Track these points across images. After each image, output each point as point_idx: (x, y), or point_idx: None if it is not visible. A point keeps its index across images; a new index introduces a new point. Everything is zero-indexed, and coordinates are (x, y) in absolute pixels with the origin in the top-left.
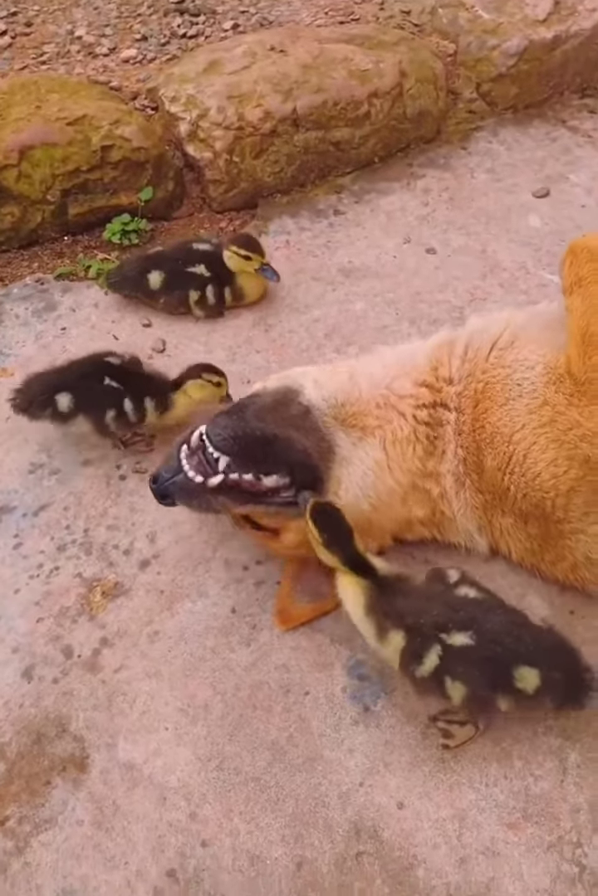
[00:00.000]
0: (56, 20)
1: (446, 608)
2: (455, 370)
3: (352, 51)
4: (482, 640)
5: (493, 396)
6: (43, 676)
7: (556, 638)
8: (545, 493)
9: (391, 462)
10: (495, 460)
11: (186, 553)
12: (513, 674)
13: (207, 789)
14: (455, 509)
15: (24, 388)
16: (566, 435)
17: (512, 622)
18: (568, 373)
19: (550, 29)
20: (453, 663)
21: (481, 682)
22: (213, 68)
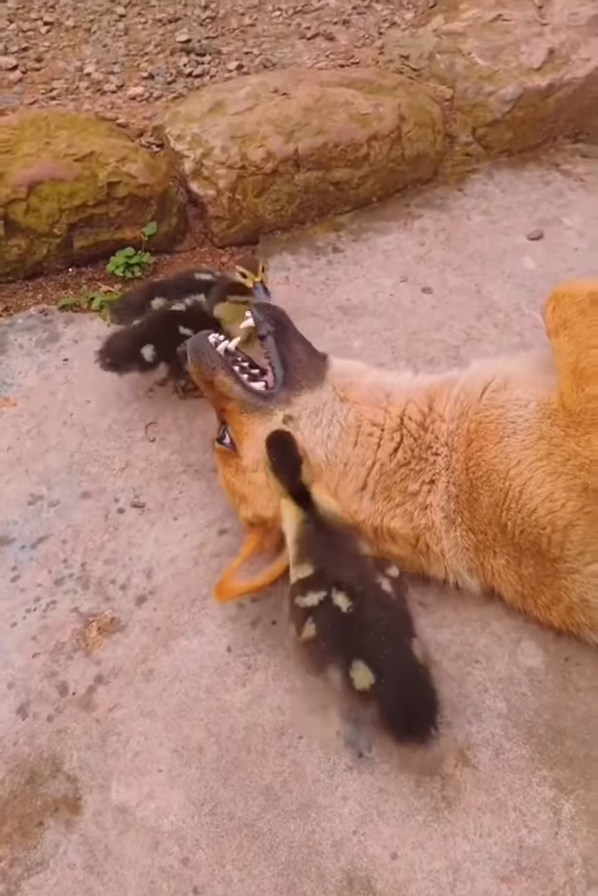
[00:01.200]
0: (66, 56)
1: (352, 574)
2: (448, 410)
3: (352, 94)
4: (353, 619)
5: (487, 435)
6: (38, 714)
7: (416, 674)
8: (541, 528)
9: (361, 437)
10: (491, 497)
11: (183, 589)
12: (352, 663)
13: (200, 834)
14: (445, 547)
15: (107, 347)
16: (564, 466)
17: (389, 630)
18: (562, 406)
19: (544, 77)
20: (323, 614)
21: (327, 645)
22: (217, 109)
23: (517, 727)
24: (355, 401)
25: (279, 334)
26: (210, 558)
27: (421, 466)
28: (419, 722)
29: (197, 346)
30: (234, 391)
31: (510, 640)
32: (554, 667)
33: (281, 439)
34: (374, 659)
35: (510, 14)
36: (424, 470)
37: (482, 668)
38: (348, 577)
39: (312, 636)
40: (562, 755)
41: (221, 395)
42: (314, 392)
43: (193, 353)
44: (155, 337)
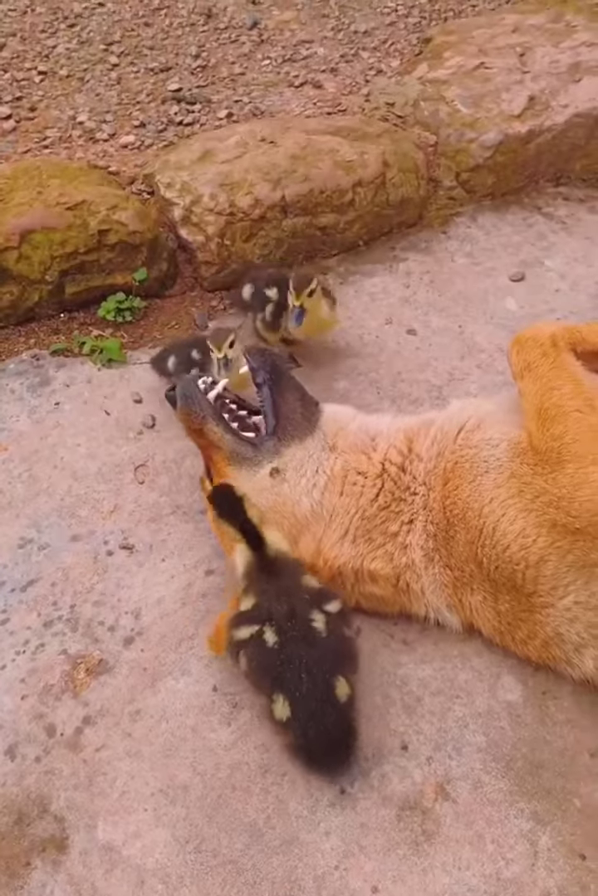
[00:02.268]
0: (59, 105)
1: (286, 610)
2: (425, 450)
3: (338, 142)
4: (278, 653)
5: (462, 474)
6: (26, 755)
7: (330, 715)
8: (515, 564)
9: (347, 486)
10: (467, 534)
11: (170, 629)
12: (273, 695)
13: (185, 872)
14: (425, 585)
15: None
16: (534, 503)
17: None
18: (530, 446)
19: (524, 123)
20: (253, 646)
21: (256, 676)
22: (207, 157)
23: (496, 761)
24: (342, 449)
25: (274, 383)
26: (197, 599)
27: (401, 507)
28: (328, 757)
29: (186, 392)
30: (224, 441)
31: (490, 675)
32: (532, 701)
33: (220, 491)
34: (291, 694)
35: (492, 62)
36: (403, 511)
37: (463, 703)
38: (280, 612)
39: (245, 669)
40: (539, 788)
41: (211, 444)
42: (304, 442)
43: (183, 400)
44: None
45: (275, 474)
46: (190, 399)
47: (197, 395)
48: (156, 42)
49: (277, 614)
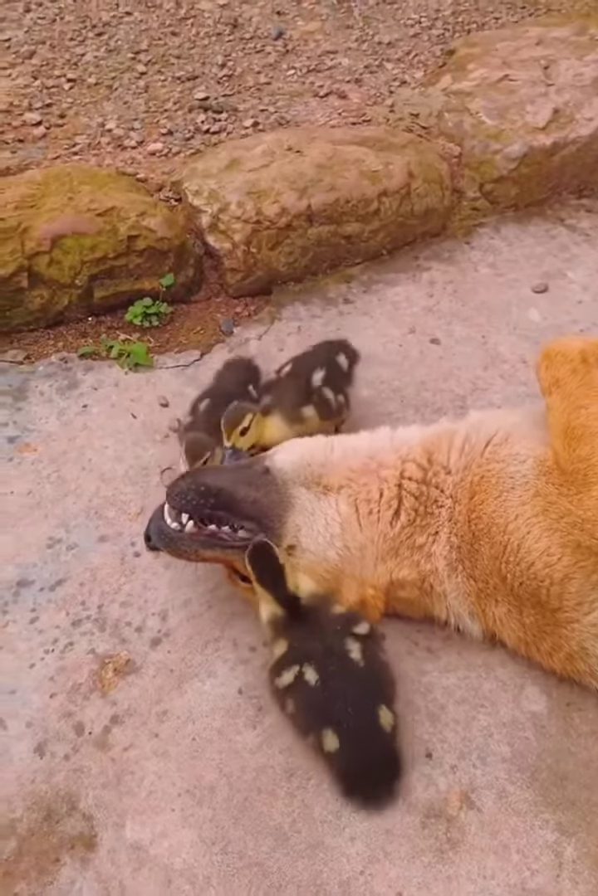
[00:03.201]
0: (88, 113)
1: (321, 647)
2: (453, 462)
3: (364, 152)
4: (321, 692)
5: (488, 489)
6: (55, 752)
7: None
8: (540, 581)
9: (362, 518)
10: (492, 549)
11: (196, 632)
12: (322, 731)
13: (211, 873)
14: (448, 590)
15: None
16: (559, 523)
17: (355, 700)
18: (556, 465)
19: (549, 136)
20: (297, 689)
21: (305, 717)
22: (234, 165)
23: (521, 771)
24: (339, 486)
25: (223, 506)
26: (223, 601)
27: (427, 521)
28: (375, 786)
29: (163, 538)
30: (227, 554)
31: (514, 686)
32: (557, 712)
33: (260, 551)
34: (338, 726)
35: (517, 74)
36: (430, 524)
37: (487, 712)
38: (316, 649)
39: (291, 712)
40: (564, 799)
41: (217, 559)
42: (294, 509)
43: (167, 546)
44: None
45: (292, 551)
46: (172, 542)
47: (175, 537)
48: (183, 51)
49: (314, 652)
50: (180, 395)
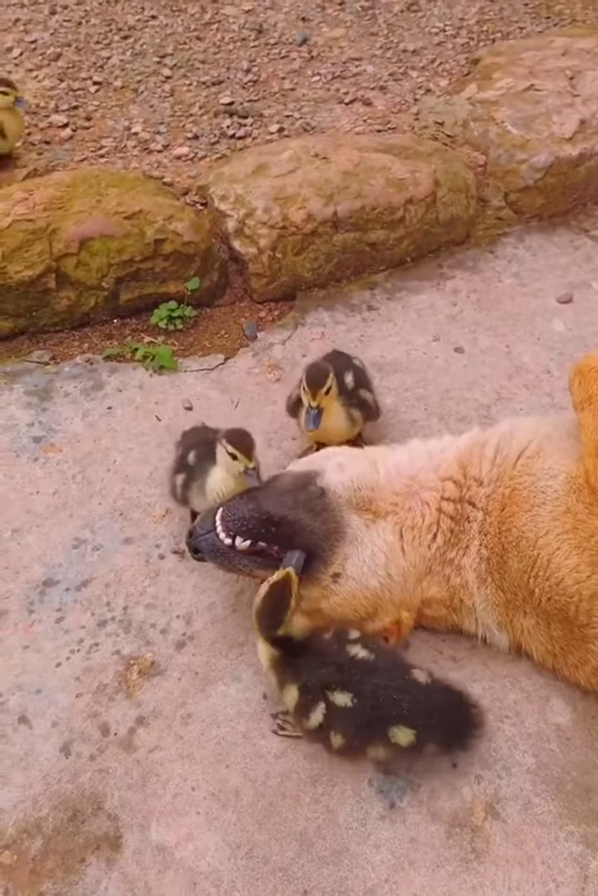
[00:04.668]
0: (114, 116)
1: (334, 668)
2: (485, 473)
3: (390, 160)
4: (361, 702)
5: (519, 502)
6: (80, 753)
7: (437, 696)
8: (569, 597)
9: (406, 545)
10: (520, 563)
11: (221, 635)
12: (388, 732)
13: (236, 877)
14: (477, 602)
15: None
16: (589, 542)
17: (391, 686)
18: (587, 483)
19: (575, 146)
20: (335, 719)
21: (359, 737)
22: (260, 171)
23: (546, 783)
24: (386, 512)
25: (283, 536)
26: (248, 606)
27: (459, 538)
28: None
29: (218, 554)
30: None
31: (539, 697)
32: (582, 725)
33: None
34: (400, 718)
35: (542, 84)
36: (461, 540)
37: (512, 723)
38: (331, 673)
39: (342, 744)
40: (589, 812)
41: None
42: (346, 538)
43: (215, 559)
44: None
45: (337, 578)
46: (226, 559)
47: (226, 552)
48: (208, 56)
49: (329, 677)
50: (204, 398)
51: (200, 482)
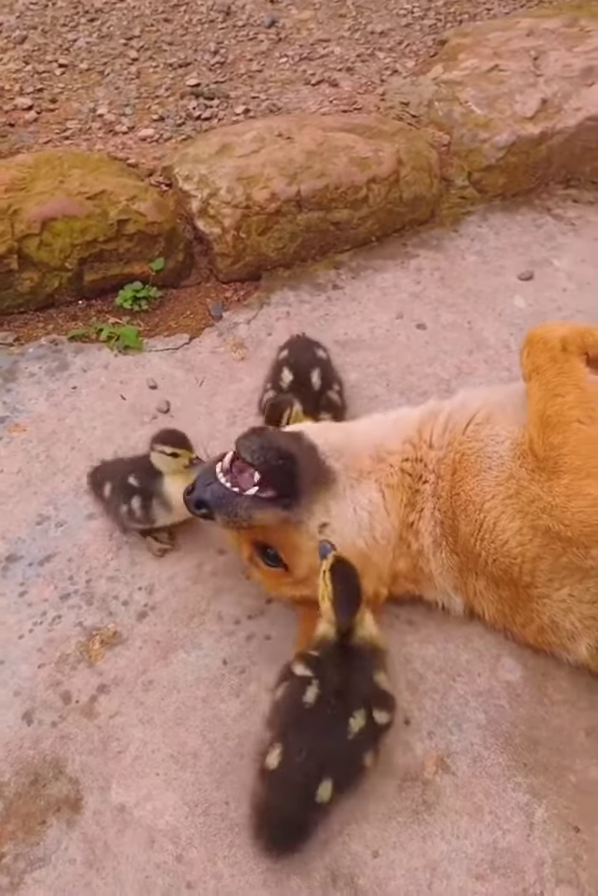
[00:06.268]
0: (79, 98)
1: (337, 684)
2: (437, 438)
3: (354, 139)
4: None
5: (467, 467)
6: (42, 720)
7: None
8: (512, 559)
9: (388, 505)
10: (468, 526)
11: (182, 605)
12: (273, 744)
13: (194, 833)
14: (433, 568)
15: (96, 468)
16: (530, 507)
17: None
18: (530, 450)
19: (537, 125)
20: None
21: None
22: (224, 151)
23: (495, 737)
24: (368, 471)
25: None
26: (208, 577)
27: (416, 499)
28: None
29: (224, 500)
30: (278, 517)
31: (491, 657)
32: (532, 681)
33: (344, 571)
34: (286, 752)
35: (506, 65)
36: (417, 502)
37: (464, 681)
38: (332, 683)
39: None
40: (536, 763)
41: (258, 530)
42: (336, 490)
43: (222, 510)
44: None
45: (323, 528)
46: (231, 504)
47: (234, 499)
48: (175, 38)
49: (329, 682)
50: (169, 377)
51: (159, 497)
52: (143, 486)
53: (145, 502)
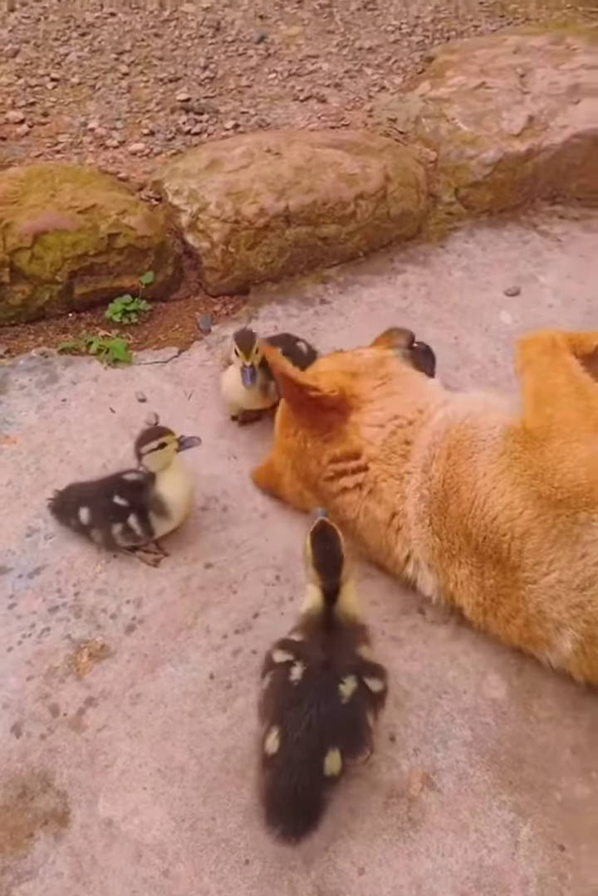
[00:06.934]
0: (71, 112)
1: (324, 659)
2: (437, 420)
3: (341, 156)
4: (296, 690)
5: (462, 451)
6: (31, 733)
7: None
8: (501, 535)
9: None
10: (460, 507)
11: (170, 619)
12: (270, 728)
13: (180, 848)
14: (412, 536)
15: (61, 494)
16: (522, 476)
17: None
18: (523, 426)
19: (523, 142)
20: (277, 672)
21: (269, 700)
22: (214, 166)
23: (481, 754)
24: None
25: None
26: (196, 591)
27: (408, 450)
28: (288, 815)
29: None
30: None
31: (477, 673)
32: (517, 698)
33: (327, 534)
34: (286, 732)
35: (493, 82)
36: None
37: (450, 698)
38: (318, 658)
39: (264, 688)
40: (522, 781)
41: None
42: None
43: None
44: (93, 499)
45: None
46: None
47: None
48: (165, 53)
49: (313, 659)
50: (158, 390)
51: (155, 508)
52: (134, 502)
53: (142, 517)
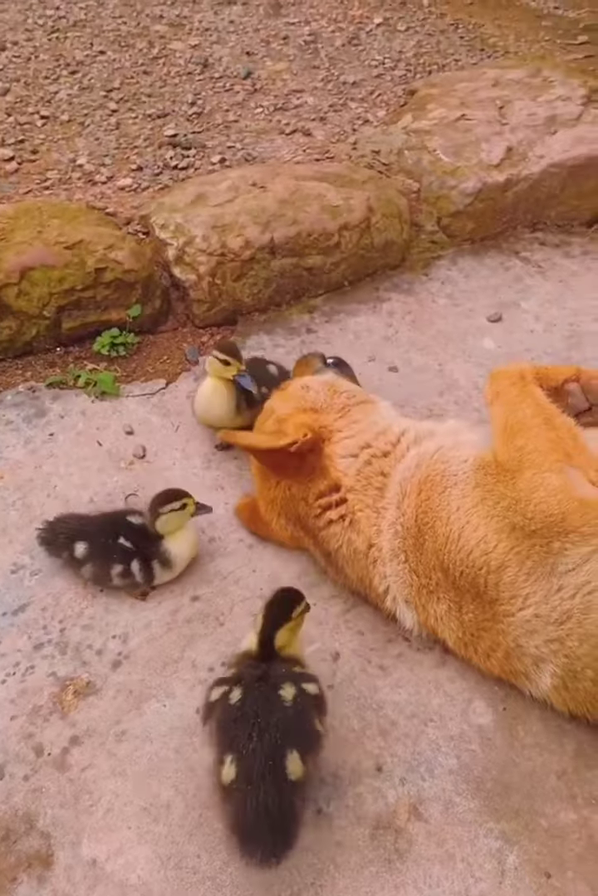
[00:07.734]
0: (60, 149)
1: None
2: (410, 457)
3: (325, 188)
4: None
5: (433, 486)
6: (14, 773)
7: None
8: (477, 569)
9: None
10: (435, 542)
11: (156, 653)
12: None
13: (166, 887)
14: (388, 572)
15: (51, 525)
16: (495, 508)
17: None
18: (494, 459)
19: (502, 172)
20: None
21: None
22: (200, 200)
23: (467, 782)
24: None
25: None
26: (182, 624)
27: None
28: (263, 834)
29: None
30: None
31: (463, 700)
32: (502, 725)
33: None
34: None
35: (473, 114)
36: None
37: (436, 726)
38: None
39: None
40: (508, 808)
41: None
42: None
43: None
44: (93, 535)
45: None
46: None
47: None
48: (154, 89)
49: (248, 676)
50: (145, 422)
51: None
52: (141, 549)
53: (145, 564)
